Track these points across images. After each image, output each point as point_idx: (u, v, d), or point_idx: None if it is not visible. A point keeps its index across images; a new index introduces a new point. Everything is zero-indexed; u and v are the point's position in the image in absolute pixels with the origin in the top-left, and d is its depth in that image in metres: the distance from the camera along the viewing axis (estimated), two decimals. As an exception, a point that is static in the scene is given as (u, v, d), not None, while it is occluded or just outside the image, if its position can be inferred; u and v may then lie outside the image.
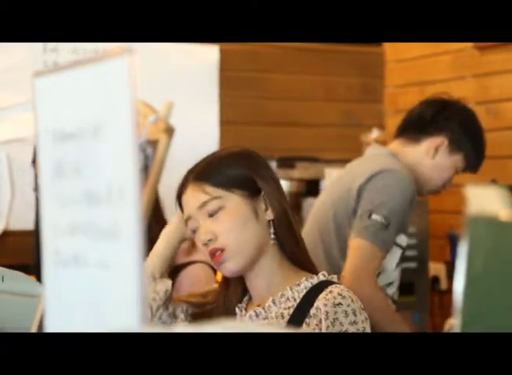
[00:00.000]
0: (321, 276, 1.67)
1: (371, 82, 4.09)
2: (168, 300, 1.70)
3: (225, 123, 3.78)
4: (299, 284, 1.65)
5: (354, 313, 1.59)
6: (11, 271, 1.69)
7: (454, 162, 2.53)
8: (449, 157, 2.52)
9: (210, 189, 1.63)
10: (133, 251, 0.87)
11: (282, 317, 1.62)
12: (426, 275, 3.31)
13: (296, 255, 1.68)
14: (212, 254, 1.63)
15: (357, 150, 3.68)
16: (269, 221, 1.66)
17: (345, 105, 4.05)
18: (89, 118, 0.94)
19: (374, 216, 2.28)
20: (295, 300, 1.63)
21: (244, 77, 3.85)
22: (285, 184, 3.72)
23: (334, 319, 1.58)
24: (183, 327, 0.83)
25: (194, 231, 1.67)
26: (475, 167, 2.57)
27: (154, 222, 1.90)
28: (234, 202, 1.63)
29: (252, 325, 1.44)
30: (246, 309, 1.70)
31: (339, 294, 1.60)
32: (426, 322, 3.28)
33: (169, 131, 1.01)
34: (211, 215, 1.63)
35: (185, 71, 3.69)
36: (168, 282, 1.69)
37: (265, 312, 1.65)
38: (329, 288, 1.62)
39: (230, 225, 1.62)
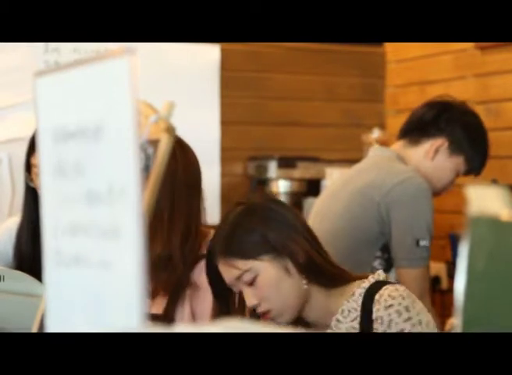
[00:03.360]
0: (371, 279, 1.73)
1: (372, 82, 4.09)
2: None
3: (226, 122, 3.78)
4: (353, 294, 1.71)
5: (407, 309, 1.65)
6: (11, 270, 1.69)
7: (455, 164, 2.53)
8: (450, 158, 2.53)
9: (239, 263, 1.71)
10: (134, 251, 0.87)
11: (354, 329, 1.69)
12: (427, 275, 3.31)
13: (335, 282, 1.74)
14: (262, 315, 1.72)
15: (358, 150, 3.68)
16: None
17: (346, 105, 4.05)
18: (90, 118, 0.94)
19: (422, 243, 2.39)
20: (356, 310, 1.70)
21: (245, 77, 3.85)
22: (285, 184, 3.72)
23: (389, 321, 1.65)
24: (183, 327, 0.83)
25: (241, 292, 1.75)
26: (477, 170, 2.58)
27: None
28: (264, 268, 1.70)
29: (254, 325, 1.45)
30: None
31: (388, 296, 1.67)
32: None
33: (170, 131, 1.01)
34: (248, 283, 1.71)
35: (186, 71, 3.69)
36: None
37: (334, 331, 1.71)
38: (380, 292, 1.68)
39: (268, 290, 1.70)
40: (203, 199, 1.95)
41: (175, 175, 1.85)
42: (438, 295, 3.57)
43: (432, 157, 2.51)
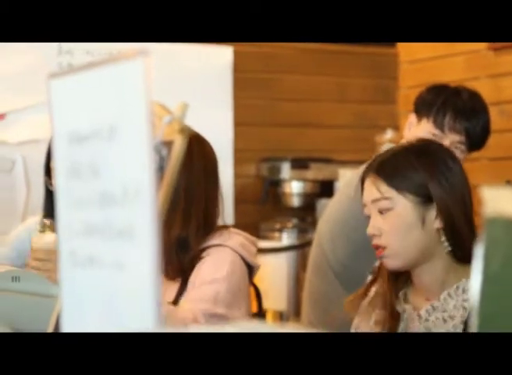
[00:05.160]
0: None
1: (385, 83, 4.08)
2: None
3: (239, 124, 3.78)
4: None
5: None
6: (26, 271, 1.70)
7: (423, 127, 2.49)
8: (419, 125, 2.49)
9: (384, 188, 1.68)
10: (149, 252, 0.87)
11: (464, 308, 1.65)
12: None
13: (468, 258, 1.66)
14: (375, 247, 1.69)
15: (371, 151, 3.67)
16: (438, 229, 1.68)
17: (359, 106, 4.04)
18: (104, 119, 0.95)
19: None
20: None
21: (258, 79, 3.85)
22: (298, 185, 3.72)
23: None
24: (199, 328, 0.83)
25: (369, 218, 1.72)
26: (445, 125, 2.50)
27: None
28: (403, 206, 1.67)
29: (268, 326, 1.44)
30: (405, 301, 1.73)
31: None
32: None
33: (184, 132, 1.01)
34: (380, 212, 1.68)
35: (199, 72, 3.70)
36: None
37: (442, 304, 1.67)
38: None
39: (395, 228, 1.67)
40: (220, 189, 1.97)
41: (192, 162, 1.89)
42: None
43: (409, 129, 2.50)
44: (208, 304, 1.77)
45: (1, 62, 3.38)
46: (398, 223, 1.67)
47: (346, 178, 3.34)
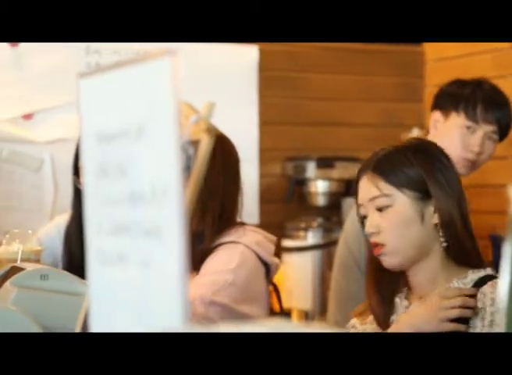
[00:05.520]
0: (489, 270, 1.69)
1: (411, 81, 4.07)
2: None
3: (264, 123, 3.78)
4: (465, 277, 1.68)
5: None
6: (55, 269, 1.71)
7: (453, 122, 2.49)
8: (448, 120, 2.50)
9: (382, 185, 1.68)
10: (176, 250, 0.88)
11: None
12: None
13: (461, 257, 1.70)
14: (374, 246, 1.68)
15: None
16: (436, 224, 1.68)
17: (385, 105, 4.03)
18: (132, 119, 0.95)
19: None
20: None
21: (284, 77, 3.85)
22: (324, 184, 3.71)
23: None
24: (226, 327, 0.84)
25: (364, 217, 1.72)
26: (477, 116, 2.49)
27: None
28: (402, 203, 1.67)
29: (292, 325, 1.45)
30: (407, 299, 1.73)
31: None
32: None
33: (211, 131, 1.01)
34: (379, 209, 1.68)
35: (224, 71, 3.70)
36: None
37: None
38: (497, 279, 1.64)
39: (394, 224, 1.66)
40: (241, 187, 1.98)
41: (212, 159, 1.90)
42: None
43: (435, 126, 2.50)
44: (206, 290, 1.76)
45: (30, 62, 3.41)
46: (397, 219, 1.66)
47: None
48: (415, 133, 3.64)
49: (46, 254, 2.20)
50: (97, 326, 1.01)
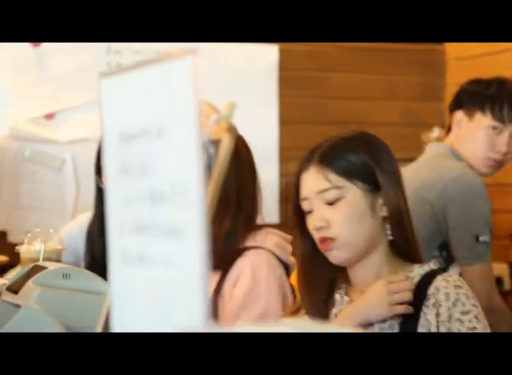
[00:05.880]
0: (432, 265, 1.68)
1: (433, 80, 4.05)
2: None
3: (285, 122, 3.78)
4: (411, 271, 1.66)
5: (474, 298, 1.61)
6: (77, 269, 1.72)
7: (479, 122, 2.49)
8: (472, 120, 2.50)
9: (333, 177, 1.63)
10: (197, 250, 0.88)
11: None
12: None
13: (405, 252, 1.68)
14: (321, 240, 1.64)
15: (418, 149, 3.64)
16: (384, 217, 1.66)
17: (406, 104, 4.01)
18: (153, 118, 0.95)
19: (482, 238, 2.36)
20: None
21: (304, 77, 3.84)
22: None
23: (456, 300, 1.59)
24: (248, 327, 0.84)
25: (308, 212, 1.67)
26: (504, 116, 2.49)
27: None
28: (354, 195, 1.63)
29: (323, 324, 1.45)
30: (347, 295, 1.71)
31: (458, 279, 1.63)
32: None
33: (232, 131, 1.01)
34: (328, 203, 1.63)
35: (245, 71, 3.70)
36: None
37: None
38: (447, 273, 1.64)
39: (346, 217, 1.62)
40: (260, 188, 1.99)
41: (240, 160, 1.92)
42: (500, 296, 3.51)
43: (459, 127, 2.51)
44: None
45: (51, 62, 3.42)
46: (350, 212, 1.62)
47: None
48: (436, 132, 3.62)
49: (68, 253, 2.22)
50: (118, 325, 1.01)
